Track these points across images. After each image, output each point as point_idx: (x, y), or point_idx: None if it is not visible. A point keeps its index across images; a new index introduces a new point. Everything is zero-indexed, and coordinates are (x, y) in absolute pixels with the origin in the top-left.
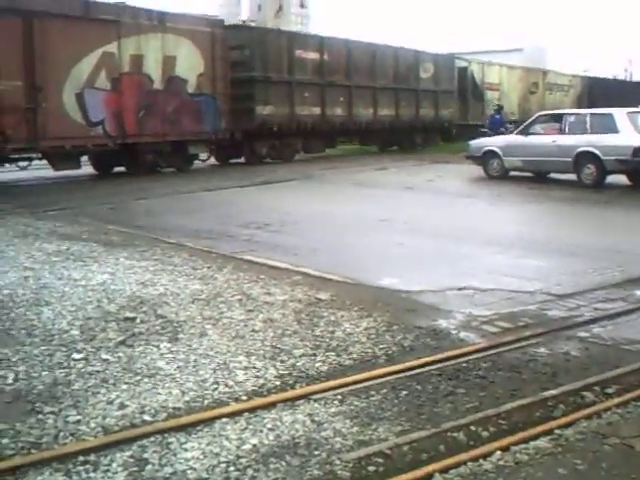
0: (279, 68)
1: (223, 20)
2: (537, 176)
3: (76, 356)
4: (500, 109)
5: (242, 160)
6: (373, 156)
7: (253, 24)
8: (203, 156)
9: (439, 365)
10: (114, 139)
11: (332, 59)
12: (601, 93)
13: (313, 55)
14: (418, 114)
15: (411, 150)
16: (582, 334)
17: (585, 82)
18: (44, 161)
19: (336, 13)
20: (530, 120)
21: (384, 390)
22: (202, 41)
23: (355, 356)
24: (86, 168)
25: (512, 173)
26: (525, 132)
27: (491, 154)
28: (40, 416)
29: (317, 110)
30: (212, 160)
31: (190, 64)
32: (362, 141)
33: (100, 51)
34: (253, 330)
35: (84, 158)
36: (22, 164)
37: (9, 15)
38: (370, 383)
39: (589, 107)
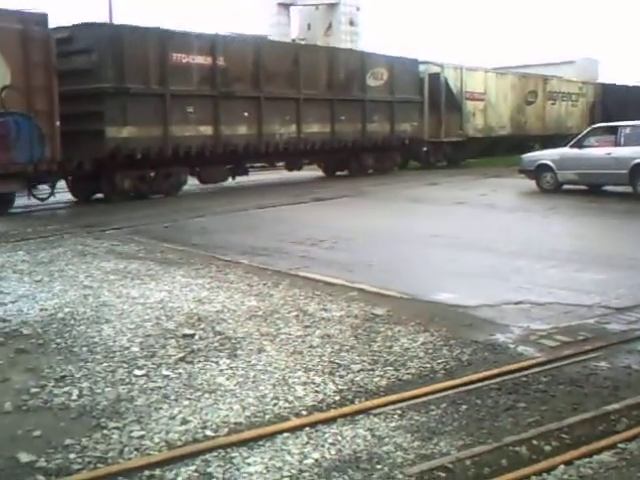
0: (145, 77)
1: (46, 14)
2: (591, 189)
3: (137, 372)
4: None
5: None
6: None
7: (303, 42)
8: (42, 194)
9: (498, 379)
10: None
11: (231, 65)
12: (618, 103)
13: (201, 60)
14: (365, 130)
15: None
16: None
17: (599, 90)
18: None
19: (386, 30)
20: (584, 132)
21: (444, 404)
22: (5, 42)
23: (413, 371)
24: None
25: (565, 186)
26: (579, 145)
27: (544, 167)
28: (105, 431)
29: (208, 129)
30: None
31: None
32: (289, 164)
33: None
34: (311, 346)
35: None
36: None
37: None
38: (429, 397)
39: (604, 119)
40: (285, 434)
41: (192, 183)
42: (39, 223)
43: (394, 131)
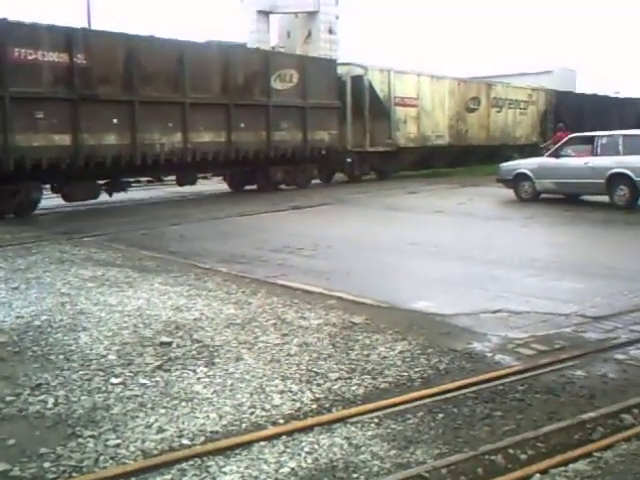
0: None
1: None
2: (569, 198)
3: (114, 381)
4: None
5: None
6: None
7: (282, 50)
8: None
9: (475, 388)
10: None
11: (95, 63)
12: (574, 111)
13: (54, 57)
14: (270, 139)
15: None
16: (619, 356)
17: (551, 97)
18: None
19: (365, 39)
20: (562, 142)
21: (420, 413)
22: None
23: (391, 379)
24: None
25: (543, 195)
26: (557, 154)
27: (522, 177)
28: (80, 440)
29: (64, 139)
30: None
31: None
32: (180, 179)
33: None
34: (288, 354)
35: None
36: None
37: None
38: (406, 406)
39: (555, 129)
40: (262, 443)
41: (157, 195)
42: (18, 229)
43: (308, 140)
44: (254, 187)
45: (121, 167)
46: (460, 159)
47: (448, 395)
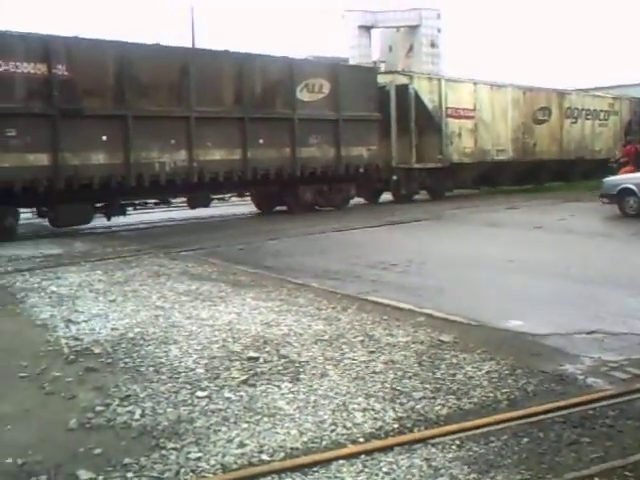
0: None
1: None
2: None
3: (200, 394)
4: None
5: None
6: None
7: (383, 65)
8: None
9: (564, 412)
10: None
11: (78, 75)
12: None
13: (29, 68)
14: (295, 156)
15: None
16: None
17: (635, 106)
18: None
19: (469, 52)
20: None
21: (505, 436)
22: None
23: (476, 400)
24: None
25: None
26: None
27: (627, 192)
28: (163, 452)
29: (41, 159)
30: None
31: None
32: (192, 200)
33: None
34: (374, 372)
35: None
36: None
37: None
38: (490, 428)
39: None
40: (340, 461)
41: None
42: (119, 243)
43: (341, 157)
44: (285, 208)
45: (119, 189)
46: (527, 176)
47: (535, 418)
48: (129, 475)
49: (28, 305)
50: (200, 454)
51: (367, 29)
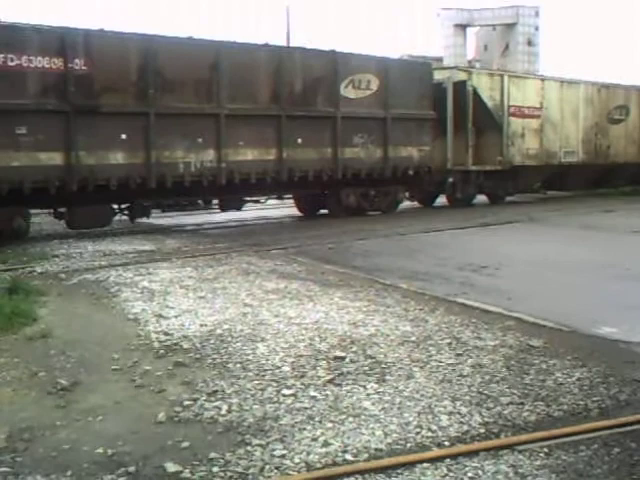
0: None
1: None
2: None
3: (286, 392)
4: None
5: None
6: None
7: (478, 64)
8: None
9: None
10: None
11: (97, 70)
12: None
13: (44, 63)
14: (337, 157)
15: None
16: None
17: None
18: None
19: (568, 51)
20: None
21: (595, 446)
22: None
23: (565, 407)
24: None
25: None
26: None
27: None
28: (249, 448)
29: (54, 157)
30: None
31: None
32: (225, 203)
33: None
34: (461, 375)
35: None
36: None
37: None
38: (580, 437)
39: None
40: (425, 464)
41: None
42: (209, 240)
43: (389, 158)
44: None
45: (142, 190)
46: (600, 180)
47: (627, 428)
48: (214, 469)
49: (121, 299)
50: (285, 452)
51: (462, 28)
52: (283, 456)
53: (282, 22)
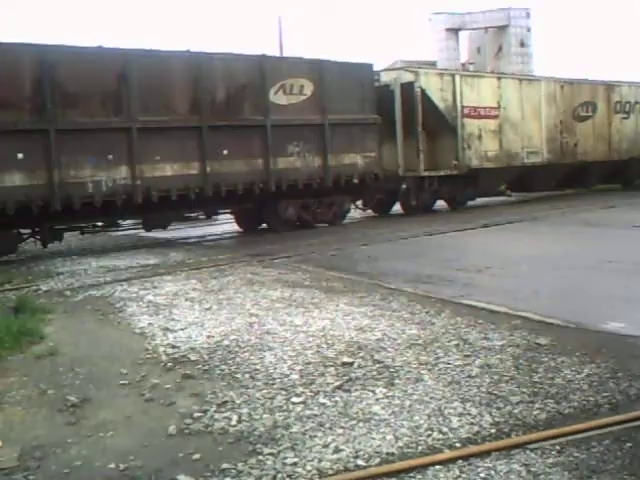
0: None
1: None
2: None
3: (295, 400)
4: None
5: None
6: None
7: (472, 67)
8: None
9: None
10: None
11: None
12: None
13: None
14: (269, 168)
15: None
16: None
17: None
18: None
19: (561, 50)
20: None
21: (606, 441)
22: None
23: (576, 404)
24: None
25: None
26: None
27: None
28: (260, 457)
29: None
30: None
31: None
32: (148, 222)
33: None
34: (469, 376)
35: None
36: None
37: None
38: (591, 433)
39: None
40: (437, 466)
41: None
42: (213, 252)
43: (329, 167)
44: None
45: (26, 214)
46: (569, 180)
47: (638, 423)
48: None
49: (127, 314)
50: (296, 459)
51: (455, 31)
52: (295, 464)
53: (276, 32)
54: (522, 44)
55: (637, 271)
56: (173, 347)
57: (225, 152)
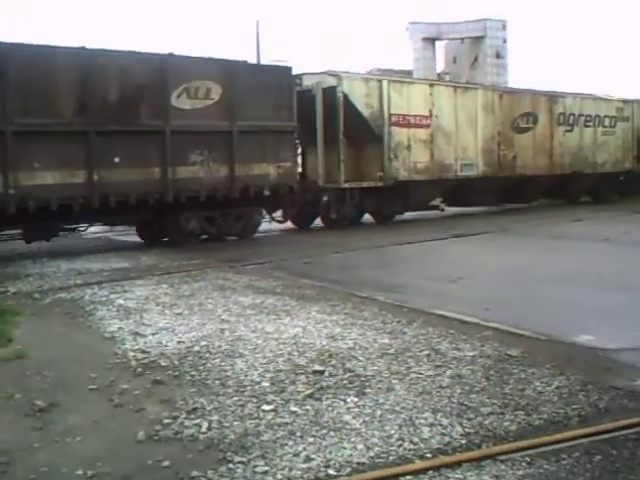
0: None
1: None
2: None
3: (266, 407)
4: None
5: None
6: None
7: (448, 77)
8: None
9: (637, 429)
10: None
11: None
12: None
13: None
14: (167, 177)
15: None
16: None
17: None
18: None
19: (536, 62)
20: None
21: (576, 454)
22: None
23: (546, 416)
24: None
25: None
26: None
27: None
28: (230, 465)
29: None
30: None
31: None
32: (28, 234)
33: None
34: (440, 386)
35: None
36: None
37: None
38: (561, 445)
39: None
40: (408, 477)
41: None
42: (184, 256)
43: (236, 177)
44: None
45: None
46: (508, 193)
47: (607, 435)
48: None
49: (97, 318)
50: (267, 468)
51: (431, 41)
52: (265, 472)
53: (255, 39)
54: (498, 55)
55: (605, 284)
56: (143, 352)
57: (117, 160)
